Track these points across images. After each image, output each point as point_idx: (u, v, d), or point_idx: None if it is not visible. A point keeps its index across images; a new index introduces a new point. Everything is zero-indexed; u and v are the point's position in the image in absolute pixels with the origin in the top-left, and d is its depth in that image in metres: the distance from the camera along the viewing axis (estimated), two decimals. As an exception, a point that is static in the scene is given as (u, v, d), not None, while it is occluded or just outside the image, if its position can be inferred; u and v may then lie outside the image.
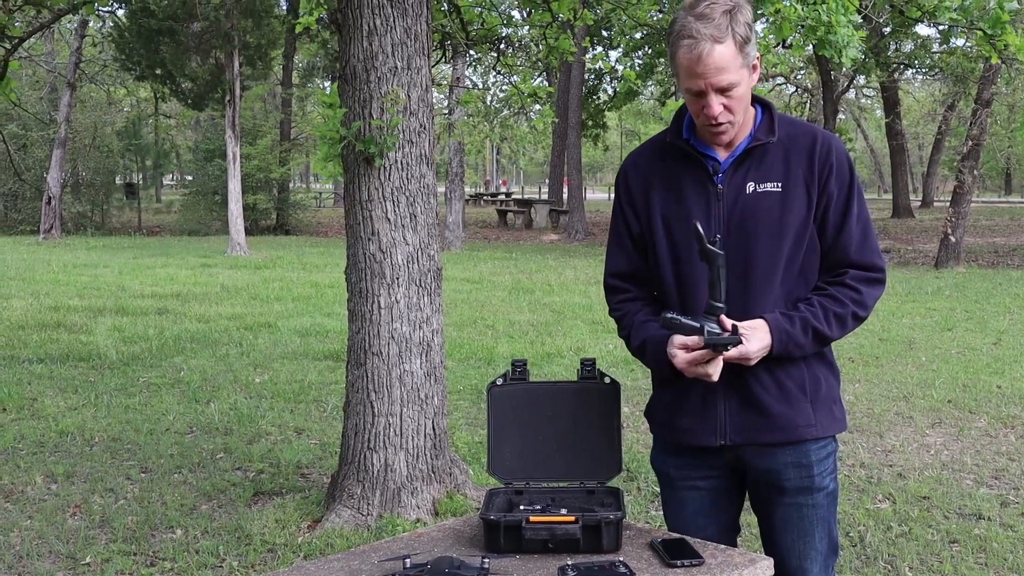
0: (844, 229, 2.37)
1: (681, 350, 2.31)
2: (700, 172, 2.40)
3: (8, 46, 5.37)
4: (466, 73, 23.57)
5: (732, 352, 2.26)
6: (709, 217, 2.36)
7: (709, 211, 2.37)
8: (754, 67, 2.30)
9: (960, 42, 25.30)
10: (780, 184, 2.35)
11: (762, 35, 5.73)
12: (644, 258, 2.49)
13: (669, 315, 2.27)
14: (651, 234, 2.45)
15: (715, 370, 2.30)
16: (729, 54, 2.22)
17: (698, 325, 2.24)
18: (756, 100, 2.42)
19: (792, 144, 2.38)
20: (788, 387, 2.39)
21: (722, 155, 2.39)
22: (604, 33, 28.06)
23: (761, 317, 2.32)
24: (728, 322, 2.25)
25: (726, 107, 2.28)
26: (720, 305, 2.24)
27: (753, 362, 2.31)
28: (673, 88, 27.41)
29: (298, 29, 6.96)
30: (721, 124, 2.31)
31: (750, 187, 2.36)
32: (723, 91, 2.26)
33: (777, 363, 2.35)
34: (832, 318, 2.35)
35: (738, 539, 2.65)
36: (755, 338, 2.28)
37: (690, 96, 2.30)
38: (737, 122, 2.33)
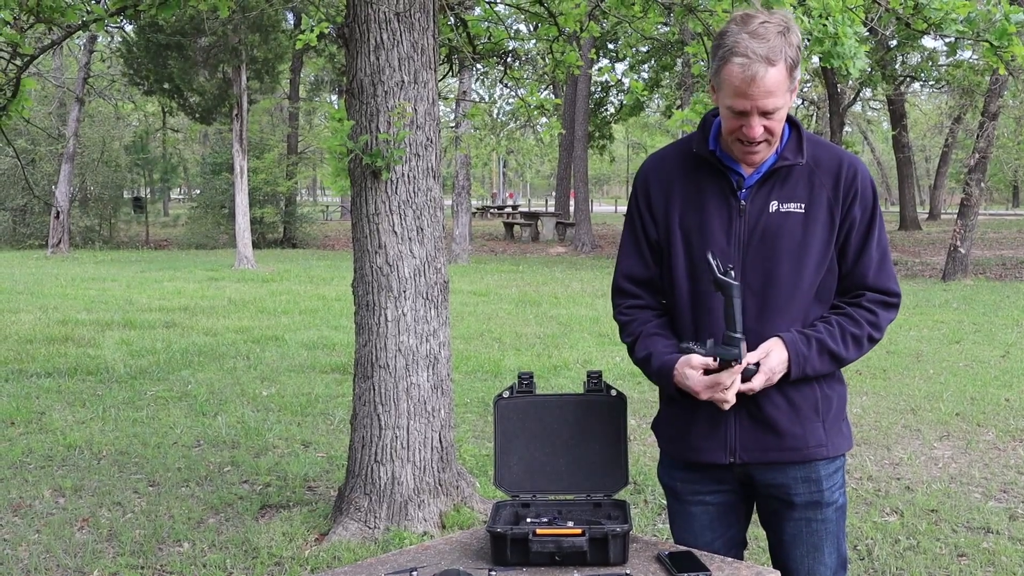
0: (864, 254, 2.37)
1: (697, 371, 2.29)
2: (724, 186, 2.38)
3: (20, 63, 5.41)
4: (473, 86, 23.64)
5: (756, 381, 2.26)
6: (729, 233, 2.35)
7: (730, 227, 2.36)
8: (793, 90, 2.28)
9: (967, 54, 25.33)
10: (803, 205, 2.34)
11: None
12: (659, 265, 2.47)
13: (685, 345, 2.26)
14: (668, 244, 2.43)
15: (731, 394, 2.29)
16: (780, 77, 2.19)
17: (728, 353, 2.21)
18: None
19: (818, 166, 2.36)
20: (800, 406, 2.38)
21: (747, 171, 2.37)
22: (610, 46, 28.15)
23: (777, 336, 2.31)
24: (753, 356, 2.26)
25: (766, 128, 2.26)
26: (738, 336, 2.20)
27: (775, 380, 2.30)
28: (679, 102, 27.46)
29: (299, 45, 6.99)
30: (758, 145, 2.29)
31: (773, 206, 2.34)
32: (767, 114, 2.23)
33: (788, 380, 2.34)
34: (849, 339, 2.35)
35: (745, 553, 2.64)
36: (773, 354, 2.29)
37: (731, 114, 2.26)
38: (774, 142, 2.32)
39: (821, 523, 2.45)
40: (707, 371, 2.29)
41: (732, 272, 2.21)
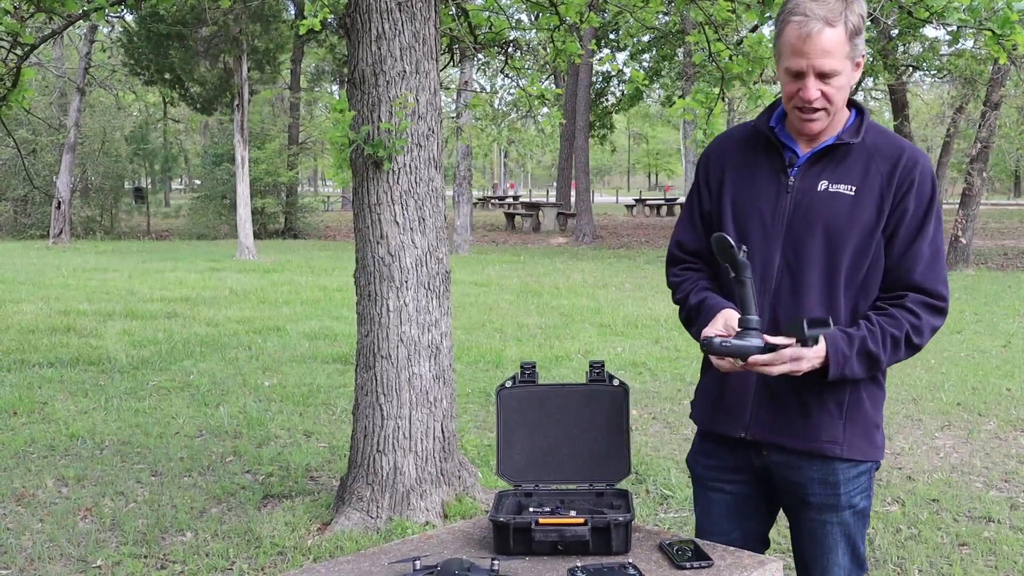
0: (912, 249, 2.28)
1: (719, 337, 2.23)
2: (776, 162, 2.37)
3: (20, 53, 5.40)
4: (474, 76, 23.60)
5: (784, 366, 2.17)
6: (775, 209, 2.34)
7: (776, 203, 2.34)
8: (858, 64, 2.26)
9: (969, 44, 25.26)
10: (854, 188, 2.29)
11: (769, 39, 5.74)
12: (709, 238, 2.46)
13: (706, 338, 2.21)
14: (719, 216, 2.44)
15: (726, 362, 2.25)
16: (839, 39, 2.18)
17: (744, 344, 2.16)
18: (852, 104, 2.38)
19: (877, 152, 2.32)
20: (824, 399, 2.33)
21: (803, 149, 2.35)
22: (611, 36, 28.10)
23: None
24: (779, 340, 2.18)
25: (824, 94, 2.24)
26: (754, 318, 2.16)
27: (804, 369, 2.20)
28: (680, 91, 27.41)
29: (302, 30, 6.97)
30: (816, 111, 2.27)
31: (822, 185, 2.31)
32: (824, 76, 2.22)
33: (826, 380, 2.26)
34: (888, 341, 2.26)
35: (767, 552, 2.62)
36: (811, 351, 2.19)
37: (788, 77, 2.25)
38: (832, 112, 2.28)
39: (836, 525, 2.41)
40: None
41: (743, 253, 2.16)
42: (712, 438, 2.52)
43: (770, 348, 2.17)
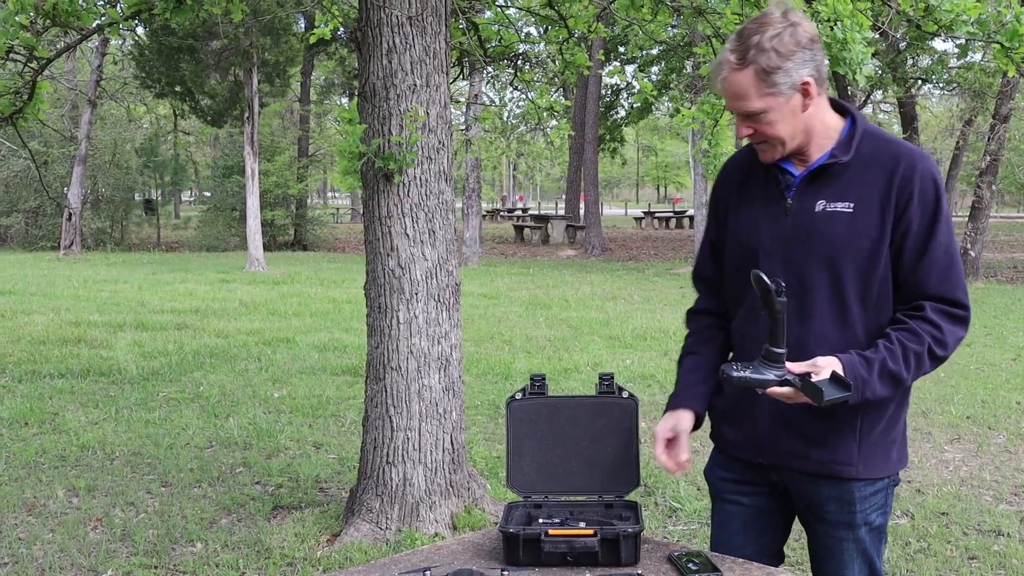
0: (924, 259, 2.21)
1: (661, 437, 2.43)
2: (773, 185, 2.33)
3: (36, 67, 5.45)
4: (483, 89, 23.67)
5: (804, 397, 2.14)
6: (773, 232, 2.30)
7: (775, 226, 2.30)
8: (805, 91, 2.18)
9: (978, 56, 25.24)
10: (852, 205, 2.22)
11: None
12: (720, 267, 2.49)
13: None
14: (722, 242, 2.45)
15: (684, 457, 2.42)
16: (747, 82, 2.15)
17: (761, 378, 2.14)
18: (847, 111, 2.32)
19: (872, 162, 2.24)
20: (837, 421, 2.28)
21: (798, 169, 2.30)
22: (620, 49, 28.16)
23: (835, 356, 2.17)
24: (798, 368, 2.15)
25: (757, 131, 2.22)
26: (779, 350, 2.13)
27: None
28: (689, 103, 27.44)
29: (312, 40, 7.03)
30: (760, 143, 2.27)
31: (820, 205, 2.25)
32: (749, 116, 2.20)
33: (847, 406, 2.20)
34: (912, 357, 2.19)
35: (783, 566, 2.61)
36: (824, 371, 2.14)
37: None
38: (781, 143, 2.24)
39: (852, 542, 2.38)
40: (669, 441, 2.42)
41: (783, 289, 2.10)
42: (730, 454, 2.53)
43: (787, 380, 2.14)
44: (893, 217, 2.21)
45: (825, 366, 2.14)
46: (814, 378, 2.12)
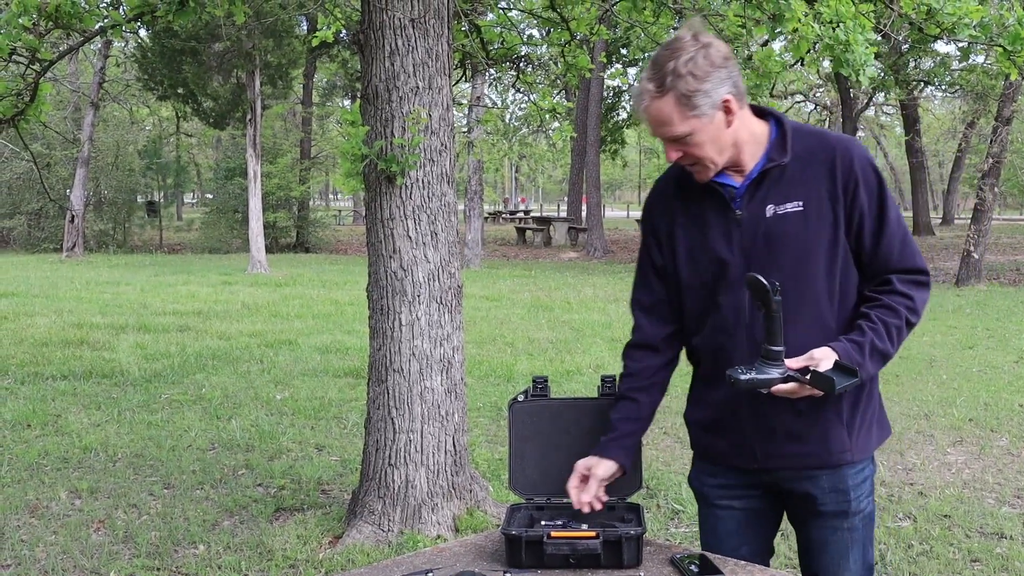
0: (883, 238, 2.28)
1: (576, 476, 2.43)
2: (718, 199, 2.33)
3: (38, 69, 5.46)
4: (486, 91, 23.68)
5: (807, 391, 2.17)
6: (731, 244, 2.30)
7: (730, 238, 2.31)
8: (726, 108, 2.20)
9: (980, 59, 25.25)
10: (801, 204, 2.26)
11: (779, 53, 5.77)
12: (667, 289, 2.46)
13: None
14: (674, 266, 2.41)
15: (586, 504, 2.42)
16: (668, 108, 2.17)
17: (767, 377, 2.16)
18: (769, 113, 2.35)
19: (811, 159, 2.28)
20: (823, 412, 2.31)
21: (737, 181, 2.32)
22: (623, 51, 28.16)
23: (828, 346, 2.21)
24: (797, 363, 2.18)
25: (686, 153, 2.24)
26: (777, 348, 2.15)
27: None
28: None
29: (314, 43, 7.04)
30: (691, 167, 2.29)
31: (770, 210, 2.28)
32: (676, 140, 2.23)
33: None
34: (894, 332, 2.25)
35: (772, 561, 2.63)
36: (825, 361, 2.17)
37: None
38: (712, 162, 2.26)
39: (848, 531, 2.41)
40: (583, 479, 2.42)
41: (777, 286, 2.12)
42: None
43: (791, 376, 2.16)
44: (844, 207, 2.26)
45: (823, 357, 2.17)
46: (821, 369, 2.15)
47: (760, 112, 2.35)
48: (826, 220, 2.26)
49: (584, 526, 2.40)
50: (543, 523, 2.44)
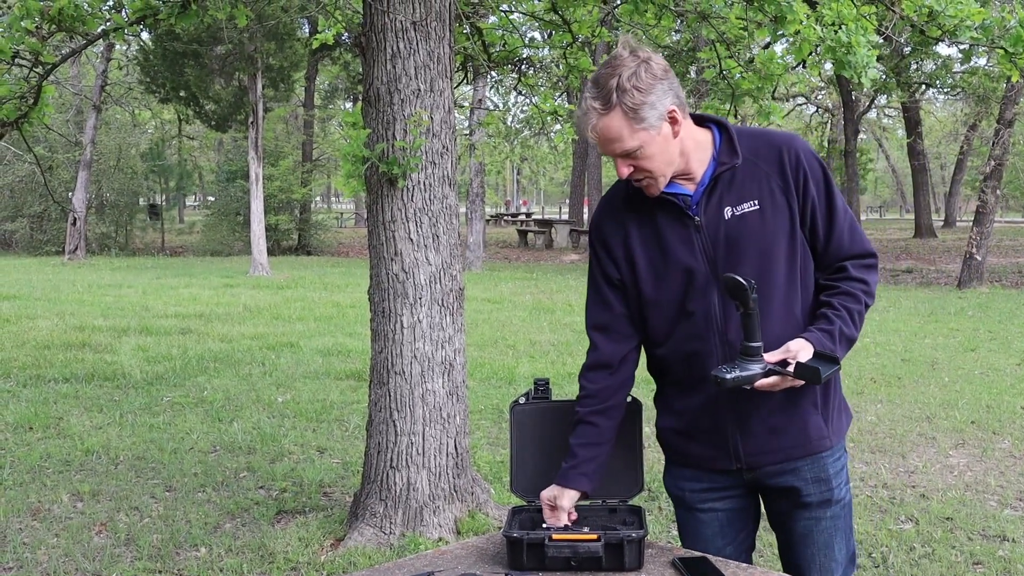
0: (834, 227, 2.35)
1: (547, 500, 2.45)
2: (672, 208, 2.35)
3: (41, 72, 5.47)
4: (487, 94, 23.70)
5: (787, 382, 2.22)
6: (694, 251, 2.32)
7: (692, 245, 2.33)
8: (672, 119, 2.24)
9: (982, 61, 25.26)
10: (756, 202, 2.31)
11: (781, 56, 5.77)
12: (626, 303, 2.45)
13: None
14: (635, 280, 2.41)
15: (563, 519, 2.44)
16: (617, 124, 2.20)
17: (750, 373, 2.20)
18: (710, 120, 2.39)
19: (759, 158, 2.34)
20: (798, 403, 2.37)
21: (690, 189, 2.34)
22: (624, 54, 28.16)
23: (802, 337, 2.27)
24: (775, 356, 2.23)
25: (637, 167, 2.27)
26: (756, 344, 2.19)
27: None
28: (692, 108, 27.47)
29: (315, 44, 7.04)
30: (640, 180, 2.31)
31: (728, 212, 2.31)
32: (627, 155, 2.25)
33: None
34: (856, 318, 2.33)
35: (754, 556, 2.65)
36: (803, 353, 2.23)
37: None
38: (662, 174, 2.29)
39: (830, 520, 2.46)
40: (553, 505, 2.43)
41: (754, 284, 2.16)
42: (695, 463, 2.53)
43: (772, 370, 2.22)
44: (798, 200, 2.33)
45: (799, 348, 2.24)
46: (803, 359, 2.21)
47: (700, 120, 2.39)
48: (782, 215, 2.32)
49: (586, 529, 2.40)
50: (544, 525, 2.44)
